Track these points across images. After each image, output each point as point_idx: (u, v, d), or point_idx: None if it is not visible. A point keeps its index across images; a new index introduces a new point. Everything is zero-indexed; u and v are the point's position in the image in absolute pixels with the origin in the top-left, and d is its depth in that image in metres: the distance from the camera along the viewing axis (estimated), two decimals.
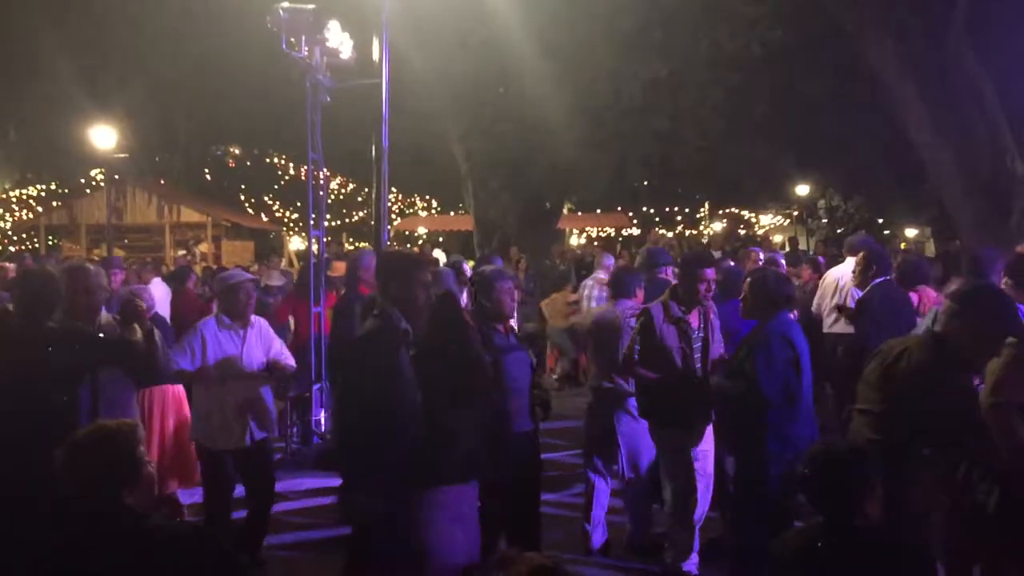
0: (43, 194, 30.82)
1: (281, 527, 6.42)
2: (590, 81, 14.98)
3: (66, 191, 30.47)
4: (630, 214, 32.42)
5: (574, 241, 31.46)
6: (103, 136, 20.12)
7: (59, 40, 20.73)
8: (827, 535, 2.98)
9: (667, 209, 34.68)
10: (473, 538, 4.14)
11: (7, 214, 30.97)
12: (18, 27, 21.25)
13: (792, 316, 5.43)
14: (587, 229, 33.66)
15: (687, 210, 35.97)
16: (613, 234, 33.70)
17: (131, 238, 25.34)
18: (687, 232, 35.86)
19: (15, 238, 30.37)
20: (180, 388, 6.54)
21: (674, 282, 5.99)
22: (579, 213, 31.52)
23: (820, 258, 11.09)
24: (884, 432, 4.05)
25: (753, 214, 37.74)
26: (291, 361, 6.05)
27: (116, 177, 22.71)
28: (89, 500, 2.68)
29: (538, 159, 16.32)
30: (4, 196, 30.77)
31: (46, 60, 21.15)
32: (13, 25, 21.35)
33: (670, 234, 29.92)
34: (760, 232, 34.77)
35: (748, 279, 5.26)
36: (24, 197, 30.97)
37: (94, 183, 29.71)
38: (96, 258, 19.84)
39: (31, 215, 29.42)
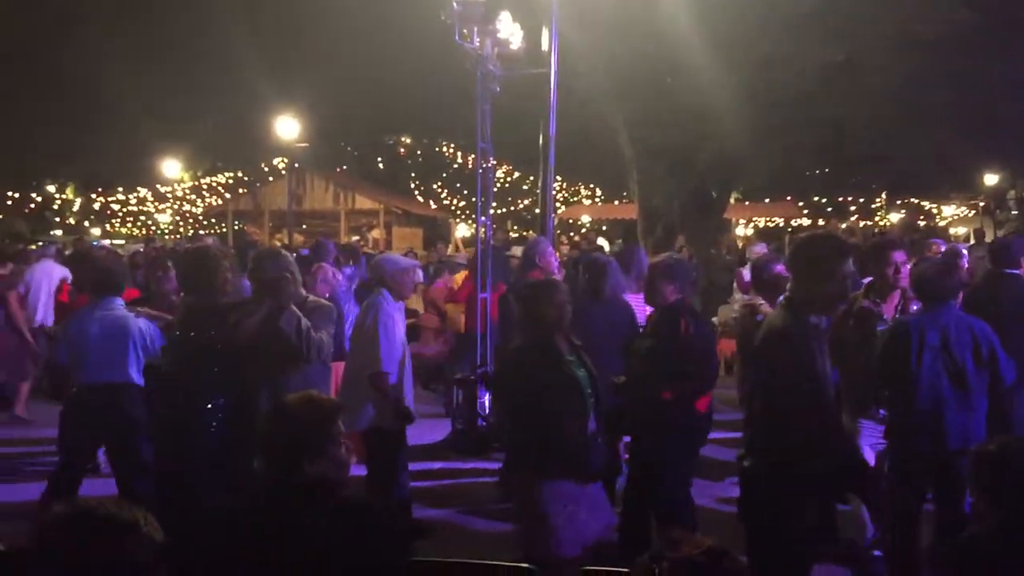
0: (230, 181, 32.78)
1: (440, 503, 6.66)
2: (761, 68, 14.60)
3: (250, 178, 32.30)
4: (800, 204, 31.34)
5: (740, 231, 30.72)
6: (287, 126, 21.19)
7: (249, 34, 22.00)
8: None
9: (840, 199, 33.31)
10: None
11: (198, 199, 33.17)
12: (212, 22, 22.69)
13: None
14: (754, 219, 32.76)
15: (862, 200, 34.44)
16: (781, 224, 32.67)
17: (309, 224, 26.62)
18: (861, 223, 34.32)
19: (205, 222, 32.51)
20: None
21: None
22: (746, 203, 30.75)
23: None
24: None
25: (934, 204, 35.73)
26: None
27: (296, 165, 23.88)
28: (269, 464, 2.84)
29: (705, 147, 16.06)
30: (196, 183, 32.95)
31: (237, 54, 22.47)
32: (208, 20, 22.82)
33: (843, 225, 28.74)
34: (942, 223, 32.90)
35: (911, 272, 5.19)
36: (214, 184, 33.06)
37: (276, 171, 31.36)
38: (278, 242, 21.02)
39: (219, 201, 31.40)
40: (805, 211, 31.94)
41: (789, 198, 30.30)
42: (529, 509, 4.39)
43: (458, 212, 33.93)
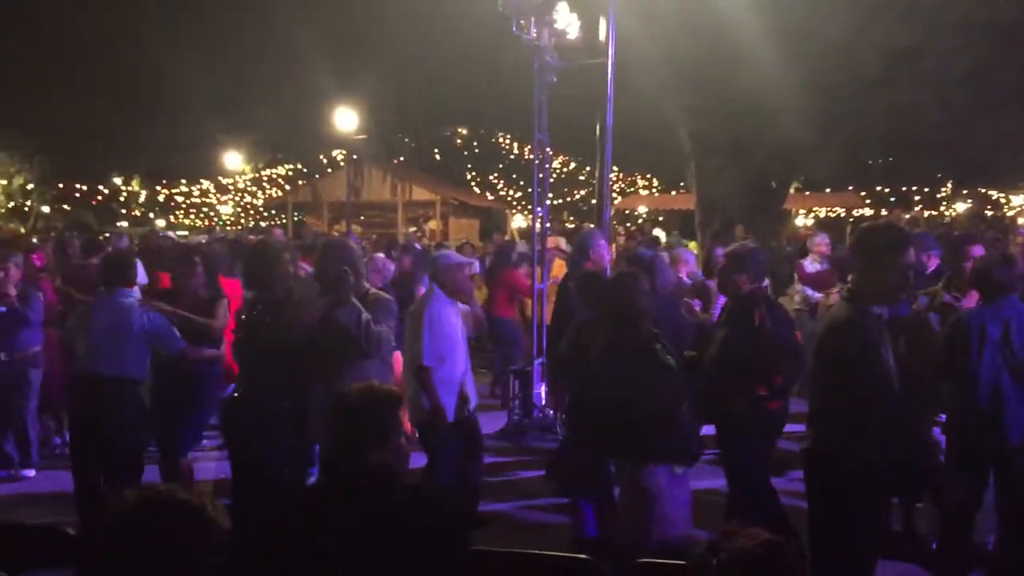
0: (290, 173, 33.26)
1: (495, 495, 6.71)
2: (823, 56, 14.33)
3: (309, 170, 32.73)
4: (862, 194, 30.77)
5: (800, 222, 30.26)
6: (346, 118, 21.39)
7: (308, 29, 22.29)
8: None
9: (903, 188, 32.61)
10: None
11: (259, 191, 33.72)
12: (273, 17, 23.04)
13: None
14: (815, 209, 32.26)
15: (926, 189, 33.67)
16: (843, 215, 32.10)
17: (367, 215, 26.87)
18: (926, 213, 33.57)
19: (265, 213, 33.04)
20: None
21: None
22: (806, 193, 30.27)
23: None
24: None
25: (1003, 194, 34.77)
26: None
27: (355, 157, 24.12)
28: (333, 452, 2.91)
29: (765, 137, 15.84)
30: (257, 175, 33.48)
31: (296, 48, 22.79)
32: (268, 15, 23.18)
33: (907, 215, 28.14)
34: (1010, 213, 32.00)
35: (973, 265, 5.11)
36: (274, 176, 33.56)
37: (335, 163, 31.72)
38: (336, 233, 21.28)
39: (279, 193, 31.87)
40: (867, 201, 31.35)
41: (851, 188, 29.77)
42: (637, 495, 4.49)
43: (514, 203, 33.98)
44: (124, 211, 33.57)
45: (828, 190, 30.05)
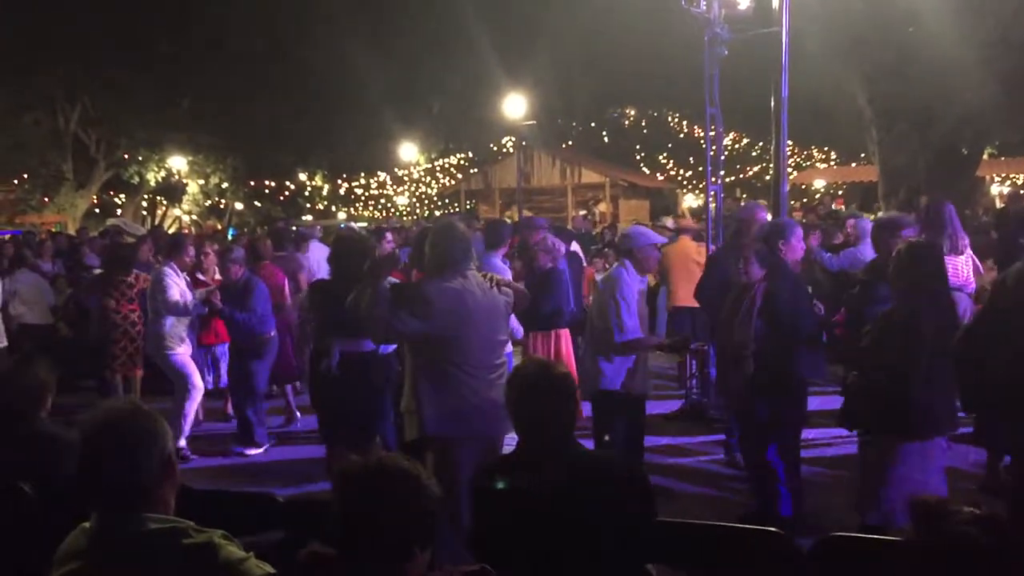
0: (463, 162, 34.01)
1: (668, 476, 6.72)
2: (1014, 12, 13.37)
3: (480, 158, 33.35)
4: None
5: (995, 190, 28.30)
6: (514, 105, 21.67)
7: (475, 17, 22.71)
8: None
9: None
10: None
11: (433, 181, 34.68)
12: (440, 7, 23.62)
13: None
14: (1012, 176, 30.07)
15: None
16: None
17: (537, 199, 27.18)
18: None
19: (439, 202, 33.94)
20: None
21: None
22: (1002, 158, 28.26)
23: None
24: None
25: None
26: None
27: (524, 143, 24.42)
28: (541, 431, 3.06)
29: (952, 100, 14.93)
30: (431, 165, 34.45)
31: (464, 38, 23.27)
32: (436, 7, 23.79)
33: None
34: None
35: None
36: (447, 165, 34.42)
37: (505, 150, 32.19)
38: (509, 219, 21.64)
39: (452, 181, 32.67)
40: None
41: None
42: (898, 472, 4.37)
43: (684, 182, 33.46)
44: (309, 205, 35.31)
45: None
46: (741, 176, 33.59)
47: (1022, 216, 8.02)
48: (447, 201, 32.28)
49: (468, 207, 28.17)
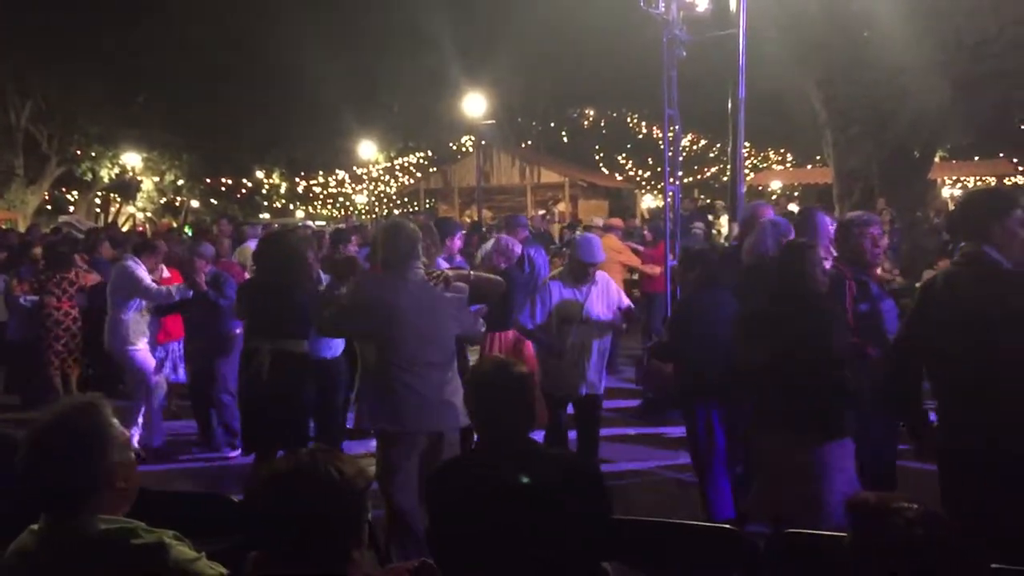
0: (422, 161, 33.89)
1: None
2: (967, 14, 13.61)
3: (439, 157, 33.25)
4: (1014, 160, 29.06)
5: (947, 192, 28.84)
6: (474, 104, 21.64)
7: (435, 16, 22.67)
8: None
9: None
10: None
11: (392, 180, 34.52)
12: (400, 5, 23.53)
13: None
14: (962, 179, 30.68)
15: None
16: (994, 183, 30.39)
17: (496, 199, 27.14)
18: None
19: (398, 201, 33.80)
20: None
21: None
22: (953, 161, 28.80)
23: None
24: None
25: None
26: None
27: (484, 143, 24.38)
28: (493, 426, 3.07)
29: (905, 103, 15.18)
30: (389, 164, 34.28)
31: (425, 37, 23.20)
32: (396, 6, 23.69)
33: None
34: None
35: None
36: (406, 164, 34.28)
37: (464, 149, 32.13)
38: (468, 219, 21.61)
39: (412, 180, 32.54)
40: (1021, 168, 29.60)
41: (1002, 155, 28.17)
42: (810, 472, 4.25)
43: (643, 183, 33.65)
44: (267, 203, 34.98)
45: (976, 158, 28.50)
46: (699, 177, 33.86)
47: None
48: (406, 200, 32.14)
49: (427, 206, 28.08)
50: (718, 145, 31.35)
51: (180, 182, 29.12)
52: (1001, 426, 3.47)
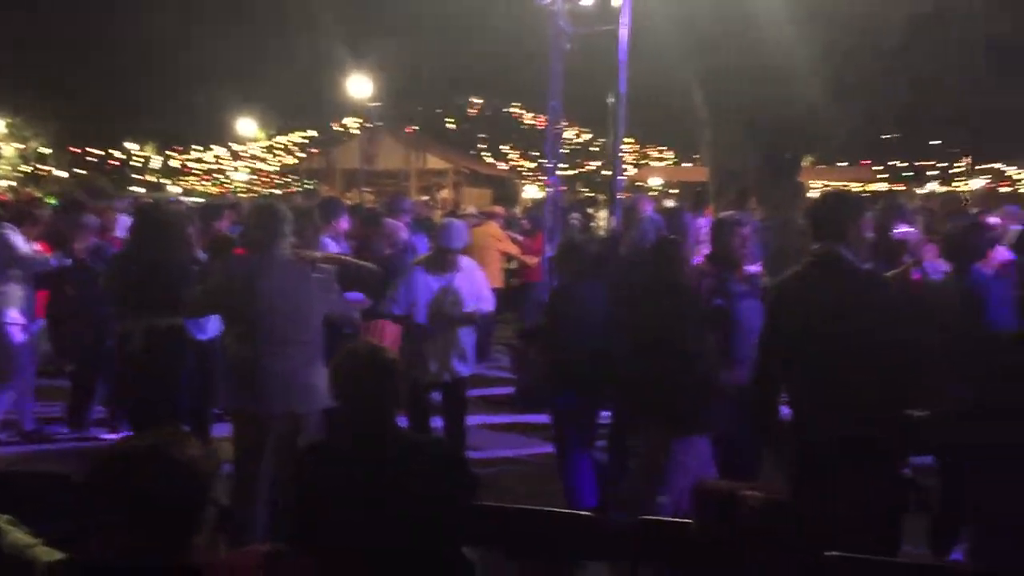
0: (305, 140, 33.24)
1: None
2: (843, 20, 14.14)
3: (322, 138, 32.70)
4: (876, 168, 30.55)
5: (813, 196, 30.01)
6: (359, 85, 21.33)
7: None
8: None
9: (918, 163, 32.36)
10: None
11: (272, 158, 33.76)
12: None
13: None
14: (827, 184, 32.02)
15: (943, 164, 33.39)
16: (856, 189, 31.87)
17: (380, 183, 26.88)
18: (940, 189, 33.31)
19: (279, 180, 33.07)
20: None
21: None
22: (820, 166, 30.08)
23: None
24: None
25: (1020, 171, 34.42)
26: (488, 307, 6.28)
27: (369, 125, 24.08)
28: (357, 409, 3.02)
29: (780, 105, 15.68)
30: (270, 142, 33.50)
31: (311, 13, 22.71)
32: None
33: (921, 190, 27.93)
34: None
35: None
36: (287, 143, 33.57)
37: (349, 131, 31.66)
38: (349, 201, 21.28)
39: (294, 160, 31.88)
40: (882, 176, 31.14)
41: (865, 162, 29.55)
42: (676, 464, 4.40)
43: (526, 173, 33.91)
44: (138, 177, 33.63)
45: (842, 164, 29.83)
46: (582, 170, 34.35)
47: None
48: (288, 180, 31.47)
49: (309, 186, 27.55)
50: (602, 140, 31.84)
51: (46, 151, 27.67)
52: (852, 417, 3.62)
